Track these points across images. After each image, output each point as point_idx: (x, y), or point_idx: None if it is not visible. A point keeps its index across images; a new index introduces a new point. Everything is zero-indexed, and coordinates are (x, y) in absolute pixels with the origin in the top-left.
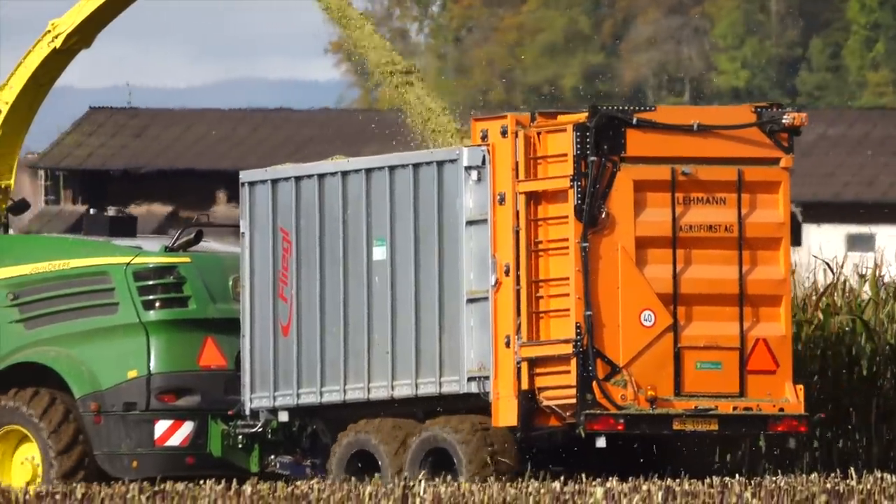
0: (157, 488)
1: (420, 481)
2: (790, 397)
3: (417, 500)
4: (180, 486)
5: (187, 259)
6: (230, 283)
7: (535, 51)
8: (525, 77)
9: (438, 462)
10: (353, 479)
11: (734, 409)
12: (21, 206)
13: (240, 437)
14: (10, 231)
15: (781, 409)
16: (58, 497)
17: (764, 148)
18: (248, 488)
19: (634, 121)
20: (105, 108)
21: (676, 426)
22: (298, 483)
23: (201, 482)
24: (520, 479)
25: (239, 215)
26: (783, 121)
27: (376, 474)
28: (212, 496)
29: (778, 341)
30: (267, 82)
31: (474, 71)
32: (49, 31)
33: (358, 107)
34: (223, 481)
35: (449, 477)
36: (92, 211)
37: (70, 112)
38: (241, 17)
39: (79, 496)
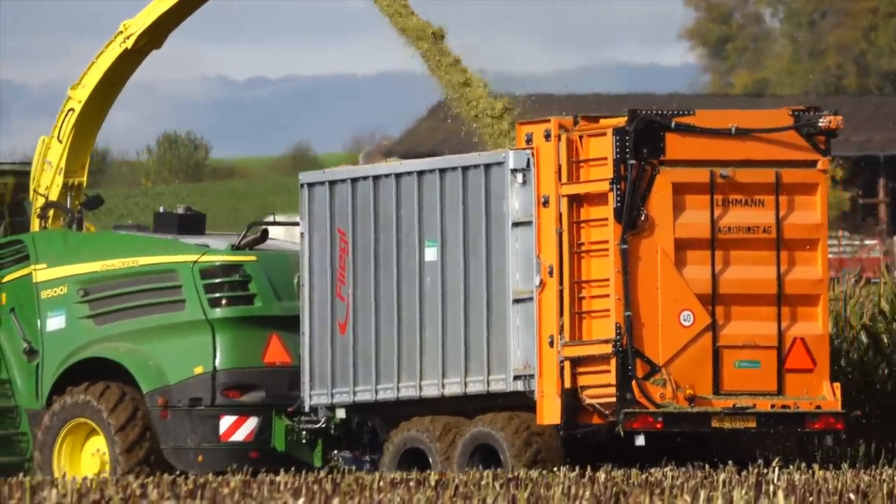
0: (510, 475)
1: (774, 468)
2: (827, 395)
3: (771, 486)
4: (534, 473)
5: (253, 257)
6: (295, 280)
7: (890, 34)
8: (878, 62)
9: (486, 458)
10: (705, 465)
11: (772, 406)
12: (95, 202)
13: (303, 432)
14: (85, 226)
15: (818, 407)
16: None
17: (801, 151)
18: (601, 475)
19: (673, 125)
20: None
21: (715, 424)
22: (652, 470)
23: (555, 469)
24: (873, 467)
25: (299, 216)
26: (820, 124)
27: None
28: (566, 482)
29: (815, 340)
30: (626, 68)
31: (827, 55)
32: (121, 32)
33: (709, 92)
34: (577, 467)
35: (803, 464)
36: (161, 209)
37: (426, 99)
38: (596, 3)
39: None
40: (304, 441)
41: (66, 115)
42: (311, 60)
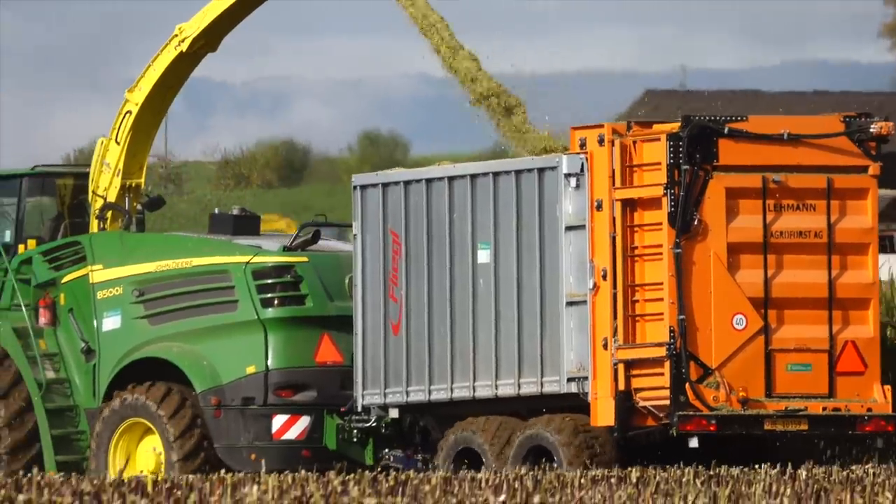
0: (710, 472)
1: None
2: (878, 398)
3: None
4: (735, 470)
5: (305, 258)
6: (347, 281)
7: None
8: None
9: (539, 459)
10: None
11: (823, 409)
12: (156, 203)
13: (354, 431)
14: (145, 227)
15: (869, 410)
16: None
17: (852, 156)
18: (802, 472)
19: (726, 130)
20: (661, 91)
21: (767, 427)
22: (853, 467)
23: (756, 466)
24: None
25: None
26: (871, 130)
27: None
28: (766, 480)
29: (866, 343)
30: (826, 65)
31: None
32: (176, 35)
33: None
34: (777, 465)
35: None
36: (217, 210)
37: (625, 95)
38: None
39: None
40: (355, 440)
41: (124, 117)
42: (511, 57)
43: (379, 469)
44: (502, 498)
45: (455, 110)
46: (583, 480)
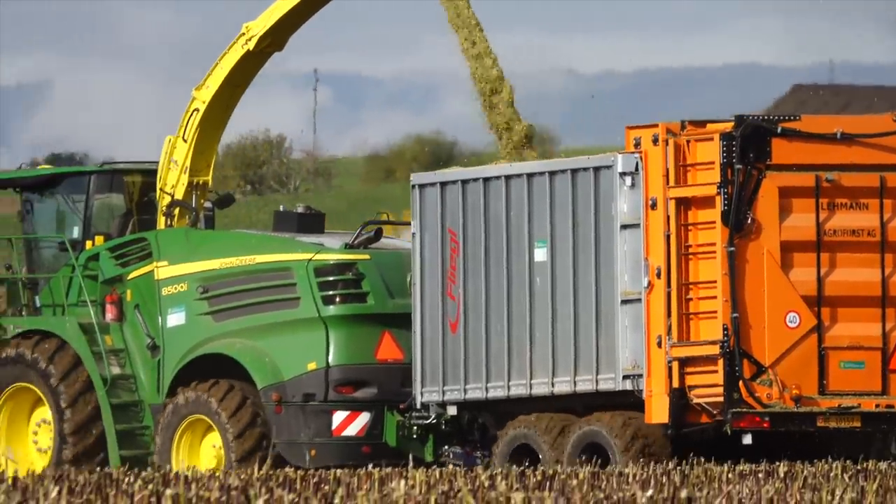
0: (858, 467)
1: None
2: None
3: None
4: (882, 465)
5: (366, 256)
6: (408, 279)
7: None
8: None
9: (595, 455)
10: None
11: (876, 406)
12: (227, 200)
13: (414, 427)
14: (213, 224)
15: None
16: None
17: None
18: None
19: (779, 130)
20: (808, 86)
21: (820, 423)
22: None
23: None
24: None
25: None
26: None
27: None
28: None
29: None
30: None
31: None
32: (243, 34)
33: None
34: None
35: None
36: (282, 208)
37: (771, 90)
38: None
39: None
40: (415, 436)
41: (191, 115)
42: (663, 52)
43: (437, 465)
44: (650, 493)
45: (602, 105)
46: (730, 475)
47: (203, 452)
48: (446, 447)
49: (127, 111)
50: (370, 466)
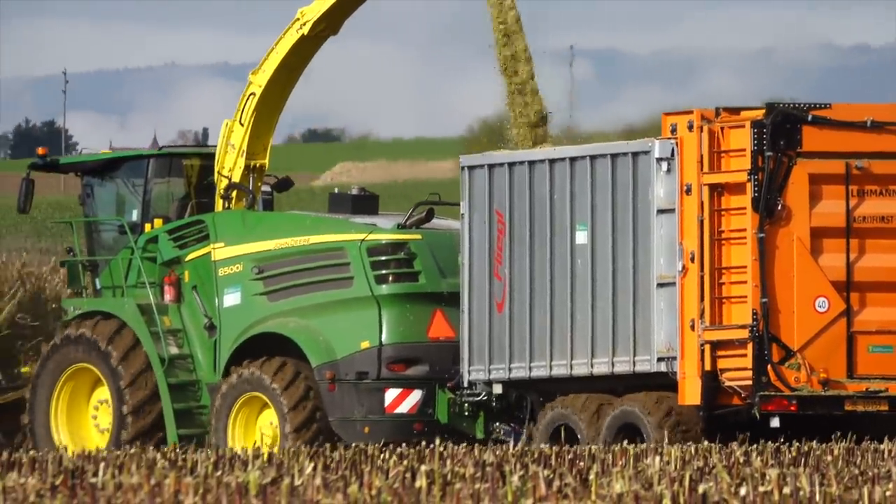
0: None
1: None
2: None
3: None
4: None
5: (418, 236)
6: (460, 259)
7: None
8: None
9: (630, 434)
10: None
11: None
12: (285, 184)
13: (465, 405)
14: (273, 208)
15: None
16: None
17: None
18: None
19: (810, 117)
20: None
21: (848, 407)
22: None
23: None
24: None
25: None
26: None
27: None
28: None
29: None
30: None
31: None
32: (298, 19)
33: None
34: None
35: None
36: (336, 190)
37: None
38: None
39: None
40: (466, 413)
41: (248, 99)
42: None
43: (489, 441)
44: None
45: (854, 78)
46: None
47: (259, 430)
48: (497, 424)
49: (385, 88)
50: (625, 443)
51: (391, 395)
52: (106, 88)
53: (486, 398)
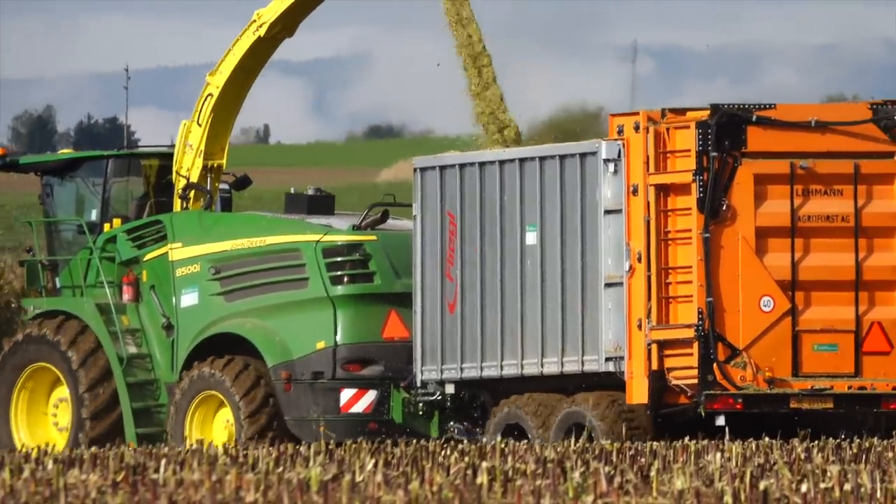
0: None
1: None
2: None
3: None
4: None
5: (374, 237)
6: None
7: None
8: None
9: (580, 434)
10: None
11: (849, 388)
12: (243, 182)
13: (420, 405)
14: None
15: (895, 388)
16: None
17: (879, 143)
18: None
19: (754, 118)
20: None
21: (793, 405)
22: None
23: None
24: None
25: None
26: None
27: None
28: None
29: (892, 324)
30: None
31: None
32: (254, 21)
33: None
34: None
35: None
36: (293, 190)
37: None
38: None
39: None
40: (420, 413)
41: (205, 100)
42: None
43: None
44: None
45: None
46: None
47: (216, 427)
48: (451, 423)
49: (447, 84)
50: (686, 439)
51: (346, 394)
52: (168, 84)
53: (440, 398)
